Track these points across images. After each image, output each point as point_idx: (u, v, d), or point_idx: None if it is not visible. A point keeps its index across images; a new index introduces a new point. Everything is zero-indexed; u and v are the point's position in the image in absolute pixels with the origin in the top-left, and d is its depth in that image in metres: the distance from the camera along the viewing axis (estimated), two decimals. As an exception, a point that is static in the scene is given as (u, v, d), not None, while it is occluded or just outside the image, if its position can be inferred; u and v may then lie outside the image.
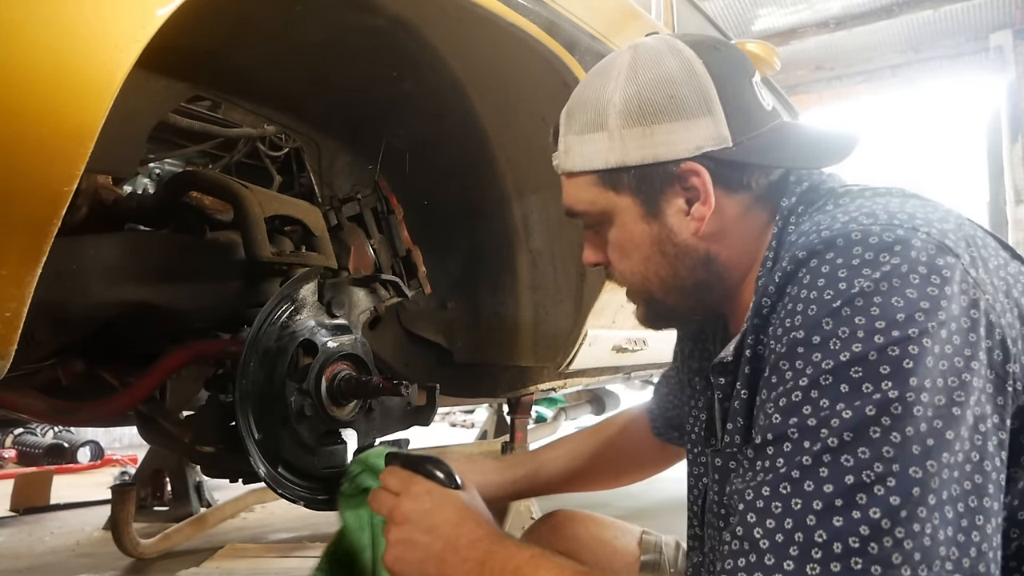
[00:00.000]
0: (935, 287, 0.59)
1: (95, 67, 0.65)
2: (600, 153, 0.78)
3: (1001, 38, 6.66)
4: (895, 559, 0.53)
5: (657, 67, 0.77)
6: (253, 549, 2.52)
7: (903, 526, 0.54)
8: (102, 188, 1.18)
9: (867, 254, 0.61)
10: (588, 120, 0.79)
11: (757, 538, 0.58)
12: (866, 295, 0.59)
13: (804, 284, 0.62)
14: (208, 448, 1.14)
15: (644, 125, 0.76)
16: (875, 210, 0.66)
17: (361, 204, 1.54)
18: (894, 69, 7.41)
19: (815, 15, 6.82)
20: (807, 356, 0.60)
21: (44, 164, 0.64)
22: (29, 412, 1.09)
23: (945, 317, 0.58)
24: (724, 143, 0.75)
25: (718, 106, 0.75)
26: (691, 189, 0.77)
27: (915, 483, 0.55)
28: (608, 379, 2.38)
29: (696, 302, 0.83)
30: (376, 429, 1.23)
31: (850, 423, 0.56)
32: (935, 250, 0.60)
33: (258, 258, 1.15)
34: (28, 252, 0.65)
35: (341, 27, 1.23)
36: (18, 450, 4.47)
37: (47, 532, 2.92)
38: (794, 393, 0.60)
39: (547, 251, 1.65)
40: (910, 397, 0.56)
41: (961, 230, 0.65)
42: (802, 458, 0.58)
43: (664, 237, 0.79)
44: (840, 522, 0.55)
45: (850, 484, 0.55)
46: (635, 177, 0.77)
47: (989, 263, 0.64)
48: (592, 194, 0.81)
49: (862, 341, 0.58)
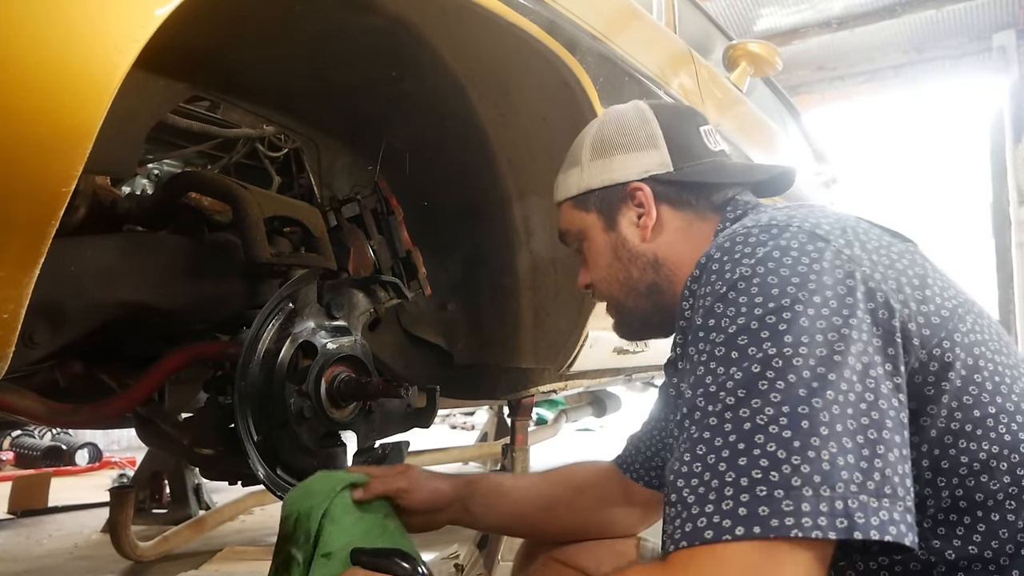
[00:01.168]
0: (804, 265, 0.69)
1: (93, 67, 0.65)
2: (574, 182, 1.02)
3: (1004, 38, 6.65)
4: (794, 482, 0.61)
5: (618, 117, 1.02)
6: (252, 552, 2.52)
7: (798, 454, 0.61)
8: (100, 189, 1.17)
9: (746, 248, 0.73)
10: (569, 161, 1.05)
11: (685, 496, 0.65)
12: (746, 278, 0.70)
13: (703, 282, 0.75)
14: (207, 450, 1.14)
15: (604, 157, 0.99)
16: (760, 218, 0.79)
17: (361, 205, 1.53)
18: (897, 69, 7.41)
19: (817, 15, 6.80)
20: (706, 337, 0.71)
21: (42, 165, 0.64)
22: (27, 414, 1.08)
23: (816, 287, 0.68)
24: (666, 168, 0.97)
25: (662, 142, 0.98)
26: (639, 204, 0.97)
27: (803, 418, 0.63)
28: (609, 381, 2.37)
29: (651, 305, 0.98)
30: (376, 431, 1.23)
31: (742, 381, 0.66)
32: (805, 238, 0.72)
33: (257, 259, 1.15)
34: (26, 253, 0.65)
35: (341, 27, 1.23)
36: (16, 452, 4.46)
37: (45, 535, 2.91)
38: (698, 369, 0.70)
39: (548, 252, 1.65)
40: (787, 352, 0.65)
41: (839, 224, 0.76)
42: (708, 419, 0.67)
43: (619, 244, 0.98)
44: (744, 461, 0.63)
45: (747, 429, 0.64)
46: (598, 197, 0.99)
47: (868, 244, 0.74)
48: (571, 216, 1.03)
49: (744, 315, 0.68)
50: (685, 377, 0.74)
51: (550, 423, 3.61)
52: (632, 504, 1.13)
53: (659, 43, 1.94)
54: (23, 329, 0.67)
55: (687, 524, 0.64)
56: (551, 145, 1.51)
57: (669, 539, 0.66)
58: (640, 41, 1.70)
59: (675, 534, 0.65)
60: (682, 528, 0.64)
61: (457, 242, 1.71)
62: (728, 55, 2.58)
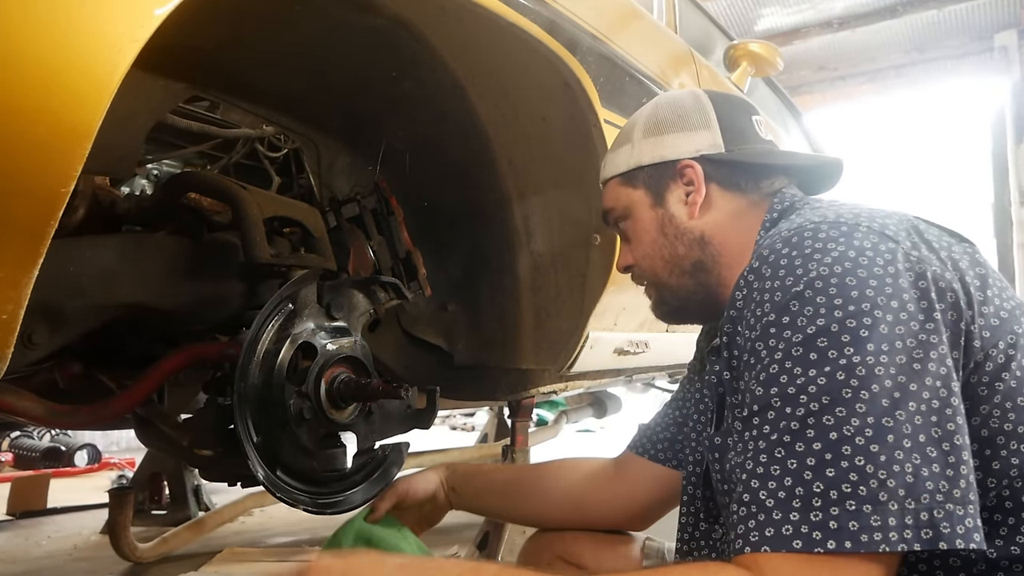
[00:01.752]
0: (880, 267, 0.69)
1: (93, 67, 0.65)
2: (624, 159, 1.01)
3: (1006, 38, 6.64)
4: (881, 496, 0.62)
5: (673, 98, 1.02)
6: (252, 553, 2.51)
7: (884, 468, 0.62)
8: (99, 189, 1.17)
9: (817, 244, 0.72)
10: (620, 140, 1.04)
11: (763, 499, 0.65)
12: (823, 278, 0.69)
13: (767, 276, 0.73)
14: (206, 451, 1.14)
15: (657, 135, 0.99)
16: (825, 213, 0.78)
17: (361, 205, 1.53)
18: (898, 69, 7.40)
19: (818, 15, 6.79)
20: (779, 334, 0.70)
21: (41, 165, 0.63)
22: (26, 415, 1.08)
23: (893, 291, 0.68)
24: (718, 149, 0.96)
25: (715, 123, 0.97)
26: (689, 182, 0.96)
27: (888, 431, 0.63)
28: (610, 382, 2.37)
29: (695, 283, 0.97)
30: (376, 432, 1.23)
31: (824, 387, 0.66)
32: (876, 238, 0.72)
33: (257, 260, 1.14)
34: (25, 254, 0.65)
35: (340, 27, 1.22)
36: (15, 453, 4.45)
37: (44, 536, 2.91)
38: (771, 366, 0.69)
39: (548, 253, 1.64)
40: (870, 360, 0.65)
41: (902, 223, 0.76)
42: (789, 423, 0.66)
43: (666, 220, 0.97)
44: (832, 472, 0.63)
45: (834, 439, 0.64)
46: (647, 174, 0.99)
47: (932, 244, 0.75)
48: (617, 192, 1.02)
49: (824, 316, 0.68)
50: (744, 370, 0.74)
51: (550, 424, 3.61)
52: (621, 482, 1.15)
53: (660, 43, 1.93)
54: (22, 330, 0.67)
55: (768, 528, 0.64)
56: (551, 145, 1.51)
57: (742, 539, 0.66)
58: (641, 41, 1.70)
59: (751, 536, 0.65)
60: (761, 532, 0.65)
61: (457, 243, 1.70)
62: (729, 55, 2.58)
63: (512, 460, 1.95)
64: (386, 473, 1.24)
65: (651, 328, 1.87)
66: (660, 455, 1.13)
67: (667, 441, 1.13)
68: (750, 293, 0.76)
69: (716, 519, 0.95)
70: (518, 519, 1.33)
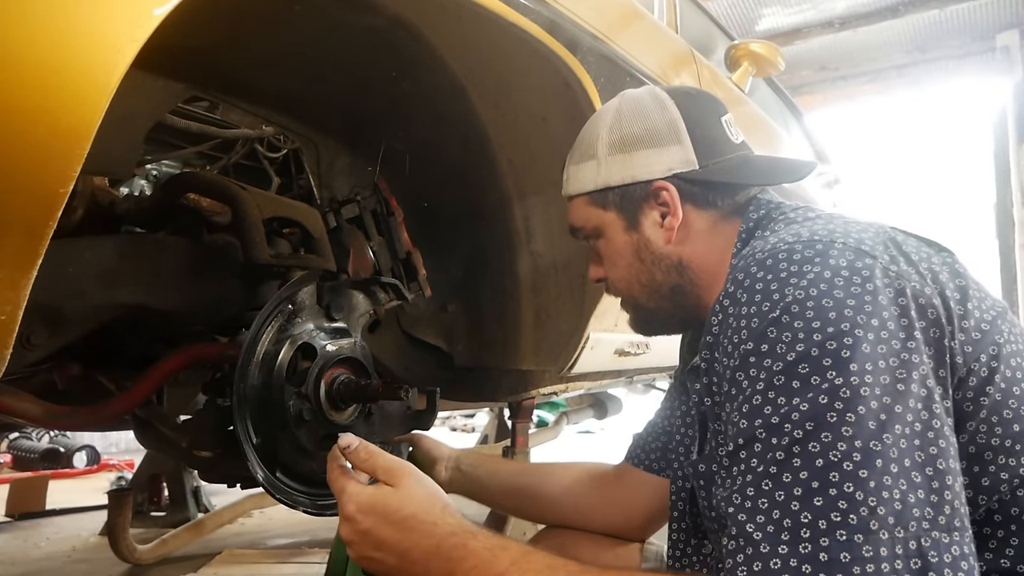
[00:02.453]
0: (857, 286, 0.67)
1: (92, 67, 0.64)
2: (590, 178, 0.95)
3: (1008, 38, 6.64)
4: (872, 525, 0.59)
5: (636, 106, 0.94)
6: (251, 555, 2.51)
7: (874, 495, 0.60)
8: (98, 190, 1.17)
9: (792, 267, 0.70)
10: (583, 153, 0.97)
11: (750, 532, 0.63)
12: (800, 301, 0.67)
13: (743, 302, 0.71)
14: (206, 453, 1.13)
15: (624, 152, 0.93)
16: (799, 231, 0.76)
17: (360, 206, 1.53)
18: (899, 69, 7.39)
19: (819, 15, 6.79)
20: (759, 363, 0.67)
21: (39, 165, 0.63)
22: (25, 416, 1.07)
23: (872, 309, 0.65)
24: (691, 165, 0.91)
25: (686, 137, 0.91)
26: (664, 204, 0.92)
27: (876, 455, 0.61)
28: (610, 383, 2.37)
29: (673, 306, 0.95)
30: (376, 433, 1.22)
31: (808, 413, 0.63)
32: (852, 255, 0.69)
33: (256, 261, 1.14)
34: (23, 254, 0.64)
35: (340, 26, 1.22)
36: (13, 455, 4.45)
37: (43, 538, 2.91)
38: (754, 397, 0.67)
39: (548, 253, 1.64)
40: (854, 381, 0.63)
41: (879, 236, 0.74)
42: (774, 454, 0.64)
43: (642, 245, 0.94)
44: (820, 501, 0.61)
45: (820, 466, 0.62)
46: (618, 195, 0.94)
47: (911, 257, 0.73)
48: (586, 212, 0.97)
49: (803, 341, 0.65)
50: (725, 400, 0.72)
51: (551, 425, 3.60)
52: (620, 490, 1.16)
53: (661, 43, 1.93)
54: (21, 331, 0.66)
55: (756, 563, 0.62)
56: (552, 145, 1.50)
57: (730, 574, 0.64)
58: (642, 41, 1.70)
59: (739, 571, 0.63)
60: (749, 567, 0.63)
61: (457, 243, 1.70)
62: (730, 55, 2.58)
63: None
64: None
65: (652, 329, 1.86)
66: (654, 465, 1.13)
67: (659, 451, 1.13)
68: (726, 319, 0.73)
69: (706, 535, 0.94)
70: (519, 511, 1.30)
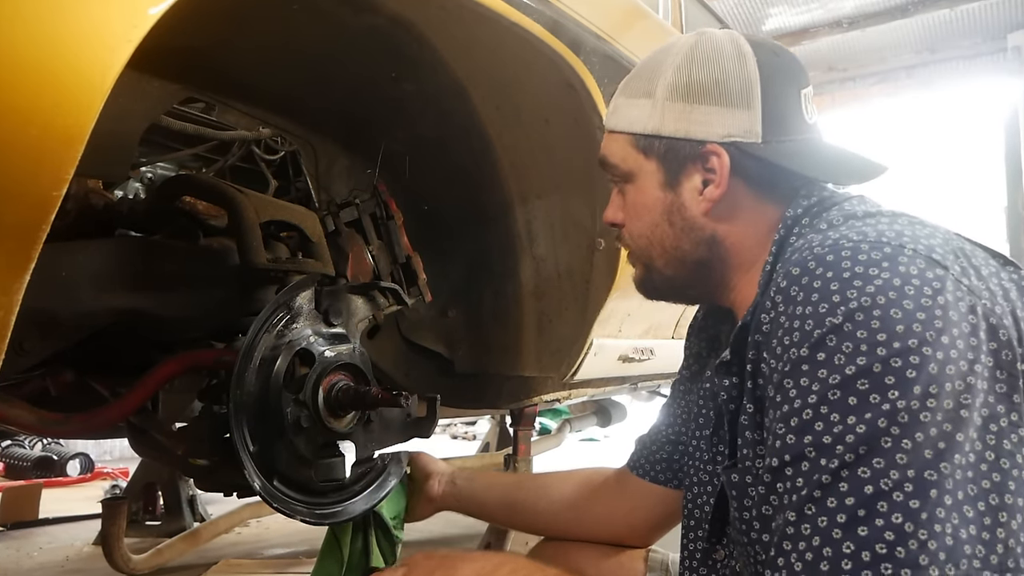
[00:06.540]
0: (928, 298, 0.62)
1: (86, 68, 0.64)
2: (641, 118, 0.85)
3: (1019, 38, 6.58)
4: (922, 560, 0.56)
5: (714, 53, 0.83)
6: (248, 565, 2.50)
7: (925, 528, 0.56)
8: (92, 192, 1.16)
9: (857, 267, 0.64)
10: (639, 87, 0.87)
11: (792, 563, 0.60)
12: (865, 309, 0.61)
13: (798, 301, 0.65)
14: (202, 461, 1.12)
15: (686, 102, 0.83)
16: (864, 230, 0.69)
17: (359, 209, 1.51)
18: (909, 70, 7.34)
19: (827, 14, 6.74)
20: (812, 373, 0.63)
21: (32, 167, 0.62)
22: (17, 424, 1.07)
23: (942, 325, 0.61)
24: (754, 137, 0.81)
25: (758, 104, 0.81)
26: (711, 170, 0.83)
27: (931, 485, 0.57)
28: (614, 390, 2.36)
29: (694, 278, 0.88)
30: (375, 441, 1.22)
31: (863, 436, 0.59)
32: (924, 263, 0.64)
33: (253, 265, 1.13)
34: (15, 258, 0.64)
35: (339, 26, 1.21)
36: (5, 463, 4.43)
37: (36, 547, 2.89)
38: (804, 411, 0.62)
39: (551, 257, 1.63)
40: (915, 405, 0.58)
41: (948, 244, 0.68)
42: (821, 476, 0.60)
43: (675, 208, 0.85)
44: (865, 531, 0.57)
45: (869, 494, 0.58)
46: (665, 146, 0.84)
47: (981, 271, 0.67)
48: (625, 152, 0.88)
49: (865, 355, 0.60)
50: (769, 408, 0.67)
51: (553, 433, 3.58)
52: (622, 498, 1.12)
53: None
54: (13, 336, 0.66)
55: None
56: (554, 148, 1.50)
57: None
58: (646, 41, 1.69)
59: None
60: None
61: (458, 247, 1.69)
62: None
63: (514, 470, 1.94)
64: (385, 483, 1.22)
65: (656, 335, 1.86)
66: (660, 476, 1.10)
67: (664, 461, 1.10)
68: (777, 317, 0.68)
69: (720, 541, 0.91)
70: (517, 524, 1.27)
